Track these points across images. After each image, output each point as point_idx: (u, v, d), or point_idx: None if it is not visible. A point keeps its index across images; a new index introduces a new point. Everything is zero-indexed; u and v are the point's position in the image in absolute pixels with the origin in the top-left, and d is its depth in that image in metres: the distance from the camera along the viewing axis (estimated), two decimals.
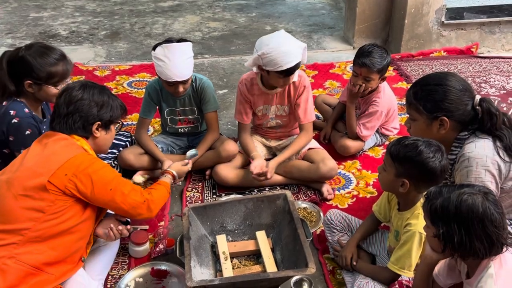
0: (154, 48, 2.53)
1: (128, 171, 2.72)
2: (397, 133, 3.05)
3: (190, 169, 2.49)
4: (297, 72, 2.52)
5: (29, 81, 2.19)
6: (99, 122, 1.96)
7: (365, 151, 3.02)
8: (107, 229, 2.04)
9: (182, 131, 2.85)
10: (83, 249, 1.98)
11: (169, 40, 2.55)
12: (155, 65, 2.52)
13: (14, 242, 1.75)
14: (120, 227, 2.06)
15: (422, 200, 1.62)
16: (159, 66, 2.49)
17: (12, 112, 2.19)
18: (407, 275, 1.89)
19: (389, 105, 2.89)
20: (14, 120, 2.18)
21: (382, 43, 4.53)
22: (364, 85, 2.75)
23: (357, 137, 2.90)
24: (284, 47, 2.38)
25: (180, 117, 2.80)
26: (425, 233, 1.66)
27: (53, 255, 1.82)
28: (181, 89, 2.57)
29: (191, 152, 2.57)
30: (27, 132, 2.20)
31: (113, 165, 2.75)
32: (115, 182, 1.93)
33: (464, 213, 1.46)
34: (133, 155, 2.70)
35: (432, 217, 1.53)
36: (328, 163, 2.64)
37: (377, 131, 3.00)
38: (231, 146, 2.71)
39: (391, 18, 4.39)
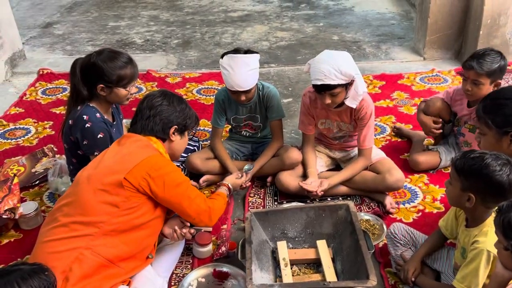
0: (222, 56, 2.62)
1: (195, 174, 2.83)
2: None
3: (244, 182, 2.63)
4: (354, 100, 2.47)
5: (101, 85, 2.31)
6: (176, 127, 2.08)
7: (440, 169, 2.89)
8: (172, 230, 2.13)
9: (246, 134, 2.93)
10: (152, 247, 2.07)
11: (236, 50, 2.63)
12: (221, 72, 2.62)
13: (91, 234, 1.85)
14: (184, 230, 2.14)
15: (492, 215, 1.57)
16: (224, 75, 2.59)
17: (85, 117, 2.31)
18: None
19: None
20: (87, 125, 2.30)
21: (455, 55, 4.38)
22: (471, 89, 2.56)
23: None
24: (320, 64, 2.41)
25: (245, 122, 2.87)
26: (493, 252, 1.59)
27: (125, 249, 1.92)
28: (243, 97, 2.64)
29: (246, 166, 2.74)
30: (100, 135, 2.32)
31: (182, 167, 2.87)
32: (184, 186, 2.03)
33: None
34: (200, 160, 2.80)
35: (505, 229, 1.46)
36: (395, 173, 2.59)
37: (460, 150, 2.84)
38: (295, 154, 2.73)
39: (465, 29, 4.23)
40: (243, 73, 2.55)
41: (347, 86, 2.46)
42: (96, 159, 2.05)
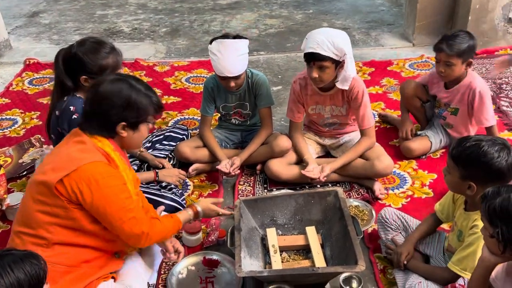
0: (211, 42, 2.60)
1: (184, 163, 2.81)
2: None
3: (233, 169, 2.62)
4: (345, 82, 2.49)
5: (84, 76, 2.23)
6: (123, 123, 1.80)
7: (431, 153, 2.92)
8: (163, 250, 2.03)
9: (235, 122, 2.91)
10: (119, 246, 1.93)
11: (225, 36, 2.60)
12: (210, 58, 2.59)
13: (40, 244, 1.74)
14: (173, 256, 2.02)
15: None
16: (213, 60, 2.56)
17: (72, 108, 2.23)
18: (468, 277, 1.82)
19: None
20: (74, 116, 2.21)
21: None
22: (444, 71, 2.64)
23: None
24: (316, 35, 2.41)
25: (235, 110, 2.85)
26: None
27: (83, 252, 1.81)
28: (232, 84, 2.61)
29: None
30: None
31: (170, 156, 2.85)
32: (118, 205, 1.76)
33: None
34: (189, 149, 2.78)
35: (491, 217, 1.46)
36: (383, 160, 2.59)
37: (446, 131, 2.90)
38: (284, 142, 2.73)
39: (454, 14, 4.23)
40: (233, 58, 2.52)
41: (337, 65, 2.45)
42: (45, 159, 1.88)
